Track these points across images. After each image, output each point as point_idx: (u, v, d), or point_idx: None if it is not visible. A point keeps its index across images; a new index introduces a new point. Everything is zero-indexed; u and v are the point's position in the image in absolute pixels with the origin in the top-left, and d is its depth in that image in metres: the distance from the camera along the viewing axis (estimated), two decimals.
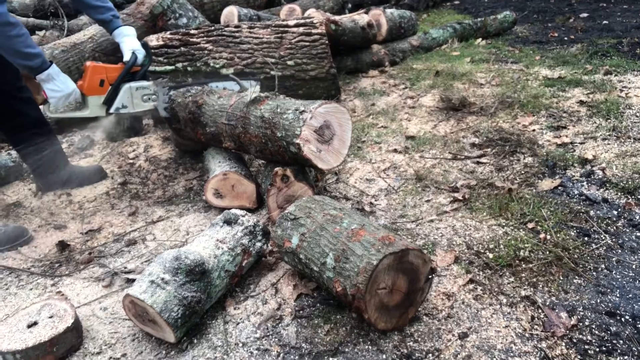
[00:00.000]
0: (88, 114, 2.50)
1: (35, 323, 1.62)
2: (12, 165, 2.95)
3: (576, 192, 2.36)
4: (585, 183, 2.42)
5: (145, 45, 2.59)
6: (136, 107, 2.58)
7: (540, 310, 1.66)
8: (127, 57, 2.51)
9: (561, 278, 1.80)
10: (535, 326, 1.61)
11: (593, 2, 7.04)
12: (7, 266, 2.18)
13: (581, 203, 2.27)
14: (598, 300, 1.69)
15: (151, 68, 3.35)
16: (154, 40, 3.42)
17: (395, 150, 2.99)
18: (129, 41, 2.53)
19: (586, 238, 2.02)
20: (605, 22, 5.73)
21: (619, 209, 2.19)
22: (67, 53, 4.06)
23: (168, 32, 3.52)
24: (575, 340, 1.54)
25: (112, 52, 4.06)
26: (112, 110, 2.51)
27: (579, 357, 1.48)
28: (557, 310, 1.65)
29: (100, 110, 2.51)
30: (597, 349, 1.50)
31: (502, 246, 2.01)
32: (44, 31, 4.97)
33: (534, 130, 3.06)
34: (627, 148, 2.68)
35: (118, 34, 2.54)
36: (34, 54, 2.17)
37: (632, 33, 5.05)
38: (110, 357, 1.63)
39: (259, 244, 1.98)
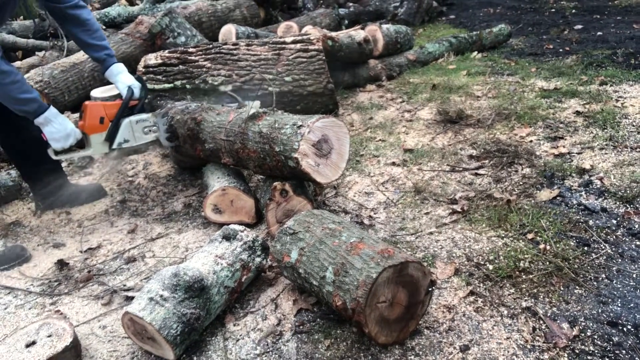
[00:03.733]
0: (92, 152, 2.55)
1: (33, 342, 1.61)
2: (11, 184, 2.96)
3: (575, 202, 2.36)
4: (583, 193, 2.43)
5: (139, 79, 2.62)
6: (138, 140, 2.62)
7: (541, 321, 1.66)
8: (123, 92, 2.54)
9: (562, 288, 1.80)
10: (537, 337, 1.60)
11: (587, 14, 7.12)
12: (6, 285, 2.17)
13: (580, 213, 2.27)
14: (599, 310, 1.68)
15: (150, 86, 3.38)
16: (152, 58, 3.45)
17: (393, 164, 3.00)
18: (122, 78, 2.55)
19: (586, 248, 2.01)
20: (599, 33, 5.79)
21: (618, 218, 2.19)
22: (67, 73, 4.11)
23: (166, 51, 3.56)
24: (577, 351, 1.53)
25: None
26: (114, 146, 2.55)
27: None
28: (558, 321, 1.64)
29: (103, 147, 2.54)
30: None
31: (501, 257, 2.00)
32: (44, 52, 5.03)
33: (531, 141, 3.07)
34: (625, 157, 2.69)
35: (110, 74, 2.56)
36: (29, 99, 2.20)
37: (626, 44, 5.10)
38: None
39: (258, 259, 1.97)
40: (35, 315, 1.97)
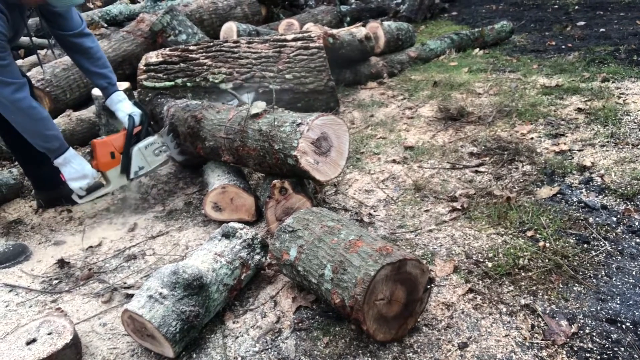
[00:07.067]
0: (112, 188, 2.59)
1: (34, 340, 1.62)
2: (13, 182, 2.97)
3: (575, 199, 2.36)
4: (584, 190, 2.42)
5: (137, 104, 2.66)
6: (152, 164, 2.66)
7: (540, 319, 1.66)
8: (125, 122, 2.56)
9: (561, 286, 1.80)
10: (536, 335, 1.60)
11: (590, 10, 7.08)
12: (8, 283, 2.19)
13: (580, 210, 2.26)
14: (598, 308, 1.68)
15: (151, 84, 3.39)
16: (153, 56, 3.45)
17: (394, 161, 3.00)
18: (122, 107, 2.59)
19: (585, 245, 2.01)
20: (602, 29, 5.76)
21: (618, 216, 2.19)
22: (69, 71, 4.12)
23: (167, 49, 3.56)
24: (576, 349, 1.53)
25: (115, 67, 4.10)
26: (131, 176, 2.59)
27: None
28: (557, 319, 1.64)
29: (121, 180, 2.58)
30: (598, 357, 1.49)
31: (501, 255, 2.00)
32: (46, 50, 5.03)
33: (532, 138, 3.06)
34: (626, 154, 2.68)
35: (110, 103, 2.61)
36: (54, 136, 2.27)
37: (628, 40, 5.08)
38: None
39: (257, 257, 1.98)
40: (36, 312, 1.98)
